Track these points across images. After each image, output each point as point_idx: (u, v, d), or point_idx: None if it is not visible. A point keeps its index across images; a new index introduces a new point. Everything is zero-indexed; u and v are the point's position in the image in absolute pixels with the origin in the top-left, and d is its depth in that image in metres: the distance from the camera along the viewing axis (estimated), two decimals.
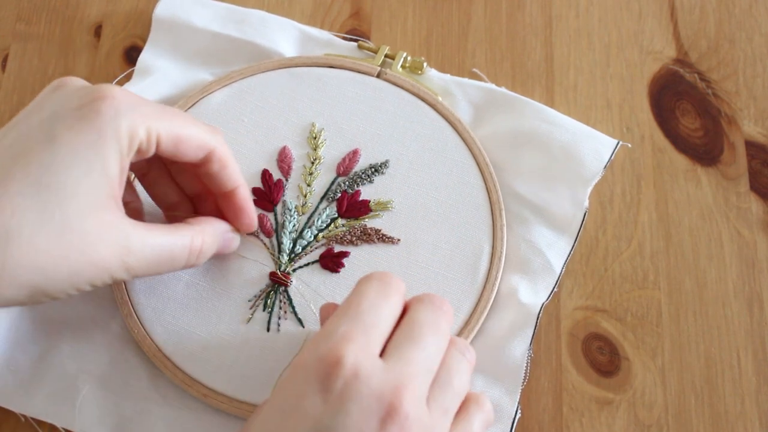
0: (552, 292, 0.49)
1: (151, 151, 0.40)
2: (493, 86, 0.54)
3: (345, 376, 0.35)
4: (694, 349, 0.49)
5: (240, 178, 0.45)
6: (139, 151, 0.39)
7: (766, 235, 0.51)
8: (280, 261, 0.49)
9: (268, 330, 0.47)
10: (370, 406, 0.34)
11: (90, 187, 0.37)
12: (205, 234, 0.44)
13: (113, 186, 0.38)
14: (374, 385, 0.35)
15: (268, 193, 0.51)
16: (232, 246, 0.47)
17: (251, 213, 0.46)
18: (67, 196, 0.36)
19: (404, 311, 0.40)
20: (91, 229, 0.37)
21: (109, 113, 0.38)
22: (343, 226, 0.50)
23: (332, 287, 0.48)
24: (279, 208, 0.50)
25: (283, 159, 0.51)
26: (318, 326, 0.47)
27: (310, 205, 0.50)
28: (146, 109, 0.39)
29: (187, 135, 0.41)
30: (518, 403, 0.46)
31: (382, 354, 0.37)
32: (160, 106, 0.41)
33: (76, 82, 0.41)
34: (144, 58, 0.55)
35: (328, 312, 0.42)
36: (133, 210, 0.47)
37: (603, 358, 0.49)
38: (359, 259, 0.49)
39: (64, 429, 0.46)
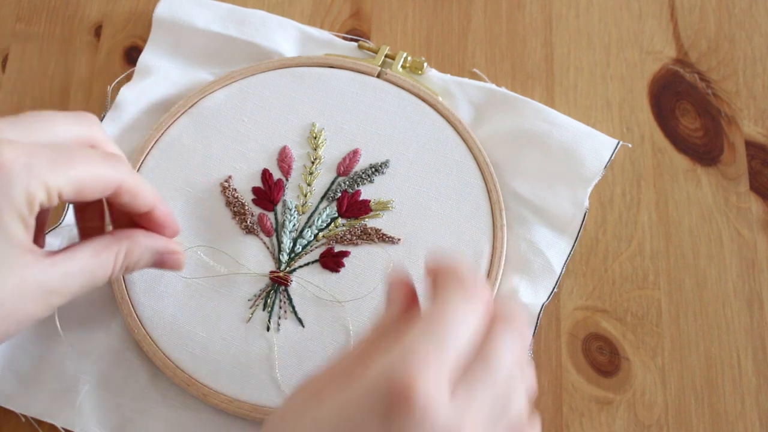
0: (552, 292, 0.49)
1: (54, 203, 0.39)
2: (493, 86, 0.54)
3: (413, 414, 0.31)
4: (694, 349, 0.49)
5: (153, 199, 0.43)
6: (41, 207, 0.39)
7: (766, 235, 0.51)
8: (280, 260, 0.49)
9: (268, 329, 0.47)
10: None
11: (1, 261, 0.37)
12: (134, 249, 0.42)
13: (22, 245, 0.38)
14: (439, 425, 0.31)
15: (268, 193, 0.51)
16: (177, 266, 0.45)
17: (172, 225, 0.45)
18: None
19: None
20: (9, 295, 0.37)
21: (2, 185, 0.37)
22: (343, 225, 0.50)
23: (332, 287, 0.48)
24: (279, 207, 0.50)
25: (284, 159, 0.51)
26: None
27: (310, 204, 0.50)
28: (40, 164, 0.38)
29: (90, 180, 0.39)
30: None
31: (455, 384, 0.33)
32: (57, 152, 0.39)
33: None
34: (144, 58, 0.55)
35: (396, 289, 0.38)
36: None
37: (603, 358, 0.49)
38: (359, 258, 0.49)
39: (64, 429, 0.46)
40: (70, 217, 0.50)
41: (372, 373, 0.32)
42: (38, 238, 0.43)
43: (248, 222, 0.50)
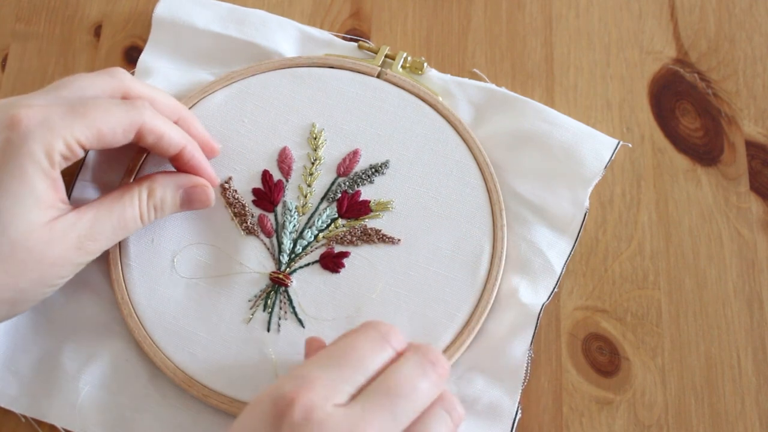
0: (552, 292, 0.49)
1: (79, 155, 0.41)
2: (494, 86, 0.54)
3: (294, 420, 0.34)
4: (694, 349, 0.49)
5: (181, 140, 0.45)
6: (65, 159, 0.40)
7: (766, 235, 0.51)
8: (281, 261, 0.49)
9: (268, 330, 0.47)
10: None
11: (25, 211, 0.39)
12: (155, 187, 0.45)
13: (47, 199, 0.40)
14: (327, 427, 0.34)
15: (268, 194, 0.51)
16: (205, 198, 0.47)
17: (206, 169, 0.47)
18: (6, 225, 0.39)
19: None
20: (38, 240, 0.40)
21: (20, 141, 0.39)
22: (343, 226, 0.50)
23: (332, 287, 0.48)
24: (279, 208, 0.50)
25: (284, 159, 0.51)
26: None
27: (310, 205, 0.50)
28: (57, 119, 0.40)
29: (109, 127, 0.41)
30: (518, 403, 0.46)
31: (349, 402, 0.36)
32: (72, 106, 0.41)
33: None
34: (144, 58, 0.55)
35: (311, 347, 0.41)
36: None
37: (603, 358, 0.49)
38: (359, 259, 0.49)
39: (63, 429, 0.46)
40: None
41: (266, 392, 0.36)
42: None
43: (248, 223, 0.50)
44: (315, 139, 0.52)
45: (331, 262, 0.49)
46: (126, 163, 0.51)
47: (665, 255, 0.51)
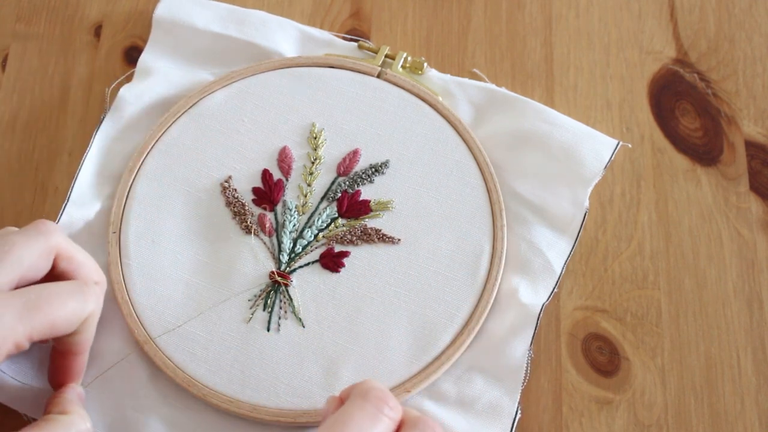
0: (552, 292, 0.49)
1: (26, 347, 0.39)
2: (494, 86, 0.54)
3: None
4: (694, 349, 0.49)
5: (87, 348, 0.44)
6: (10, 355, 0.39)
7: (766, 235, 0.51)
8: (281, 261, 0.49)
9: (268, 330, 0.47)
10: None
11: None
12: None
13: None
14: None
15: (268, 193, 0.51)
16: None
17: (78, 376, 0.46)
18: None
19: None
20: None
21: None
22: (343, 225, 0.50)
23: (332, 287, 0.48)
24: (279, 207, 0.50)
25: (284, 159, 0.51)
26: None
27: (310, 204, 0.50)
28: (9, 316, 0.38)
29: (62, 319, 0.40)
30: (518, 403, 0.46)
31: None
32: (25, 303, 0.39)
33: None
34: (144, 58, 0.55)
35: (331, 407, 0.41)
36: None
37: (603, 358, 0.49)
38: (359, 258, 0.49)
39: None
40: (66, 217, 0.50)
41: None
42: None
43: (248, 222, 0.50)
44: (315, 138, 0.52)
45: (331, 262, 0.49)
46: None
47: (665, 255, 0.51)
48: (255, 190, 0.51)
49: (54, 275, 0.42)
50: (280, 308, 0.48)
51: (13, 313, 0.38)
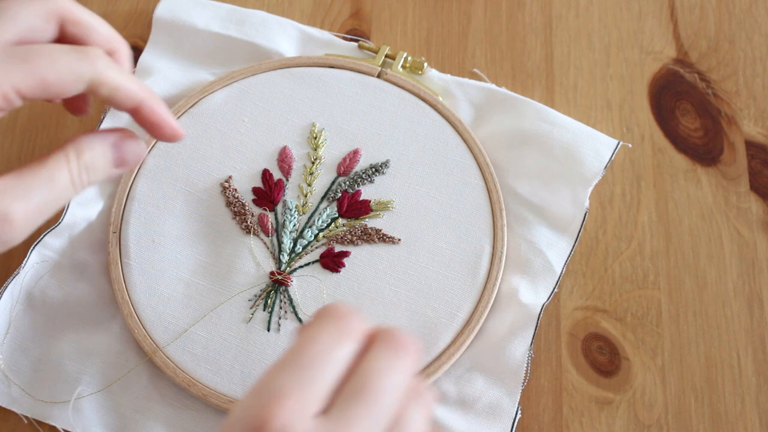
0: (552, 292, 0.49)
1: (16, 103, 0.36)
2: (494, 86, 0.54)
3: None
4: (694, 349, 0.49)
5: (139, 92, 0.39)
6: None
7: (766, 235, 0.51)
8: (281, 261, 0.49)
9: (268, 330, 0.47)
10: None
11: None
12: (83, 148, 0.39)
13: None
14: None
15: (268, 193, 0.51)
16: (139, 151, 0.41)
17: (168, 122, 0.41)
18: None
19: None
20: None
21: None
22: (343, 225, 0.50)
23: (332, 287, 0.48)
24: (279, 207, 0.50)
25: (284, 159, 0.51)
26: None
27: (310, 204, 0.50)
28: None
29: (53, 74, 0.36)
30: (518, 403, 0.46)
31: (326, 410, 0.32)
32: (11, 51, 0.36)
33: None
34: (144, 58, 0.55)
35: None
36: None
37: (603, 358, 0.49)
38: (360, 258, 0.49)
39: (63, 429, 0.46)
40: (69, 217, 0.50)
41: (233, 414, 0.32)
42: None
43: (248, 222, 0.50)
44: (315, 138, 0.52)
45: (332, 262, 0.49)
46: None
47: (665, 255, 0.51)
48: (255, 190, 0.51)
49: (63, 42, 0.39)
50: (281, 308, 0.48)
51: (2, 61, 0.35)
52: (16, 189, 0.36)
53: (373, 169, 0.51)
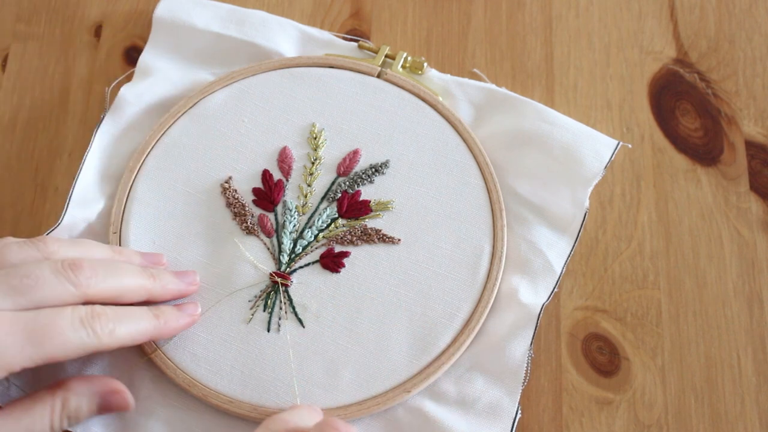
0: (552, 292, 0.49)
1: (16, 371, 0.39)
2: (494, 86, 0.54)
3: None
4: (694, 349, 0.49)
5: (139, 339, 0.43)
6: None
7: (766, 235, 0.51)
8: (281, 261, 0.49)
9: (268, 330, 0.47)
10: None
11: None
12: (70, 396, 0.42)
13: None
14: None
15: (268, 194, 0.51)
16: (123, 404, 0.44)
17: (176, 295, 0.46)
18: None
19: None
20: None
21: None
22: (343, 226, 0.50)
23: (332, 287, 0.48)
24: (279, 208, 0.50)
25: (284, 159, 0.51)
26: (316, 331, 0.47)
27: (310, 205, 0.50)
28: (11, 349, 0.38)
29: (63, 354, 0.39)
30: (518, 403, 0.46)
31: None
32: (31, 333, 0.38)
33: None
34: (144, 58, 0.55)
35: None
36: None
37: (603, 358, 0.49)
38: (359, 259, 0.49)
39: (63, 429, 0.46)
40: (69, 217, 0.50)
41: None
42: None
43: (248, 223, 0.50)
44: (315, 138, 0.52)
45: (332, 262, 0.49)
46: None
47: (665, 255, 0.51)
48: (255, 191, 0.51)
49: None
50: (281, 309, 0.48)
51: (16, 346, 0.38)
52: None
53: (373, 170, 0.51)
